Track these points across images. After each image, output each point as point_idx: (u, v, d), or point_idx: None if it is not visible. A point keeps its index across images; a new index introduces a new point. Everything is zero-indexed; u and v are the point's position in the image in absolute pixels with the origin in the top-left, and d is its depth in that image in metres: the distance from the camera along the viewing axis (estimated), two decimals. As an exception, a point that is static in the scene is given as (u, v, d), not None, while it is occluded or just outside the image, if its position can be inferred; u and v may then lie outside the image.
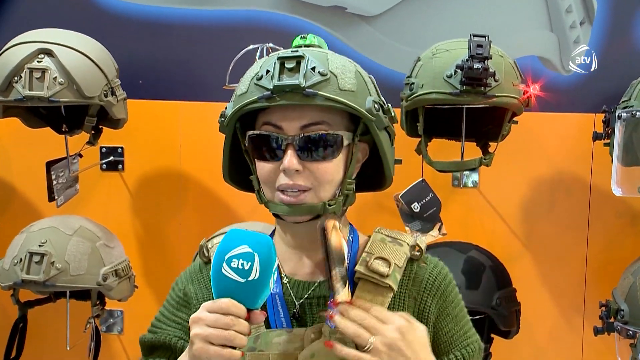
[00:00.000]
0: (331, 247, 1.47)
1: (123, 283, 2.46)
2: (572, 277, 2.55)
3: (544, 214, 2.56)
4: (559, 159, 2.54)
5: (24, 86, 2.28)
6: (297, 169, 1.44)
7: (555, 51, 2.50)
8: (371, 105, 1.47)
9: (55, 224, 2.42)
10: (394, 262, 1.51)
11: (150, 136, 2.75)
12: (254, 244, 1.33)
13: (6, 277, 2.37)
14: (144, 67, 2.72)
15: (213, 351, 1.30)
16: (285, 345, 1.47)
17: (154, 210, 2.78)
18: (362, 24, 2.56)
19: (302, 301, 1.54)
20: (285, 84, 1.42)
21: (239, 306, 1.32)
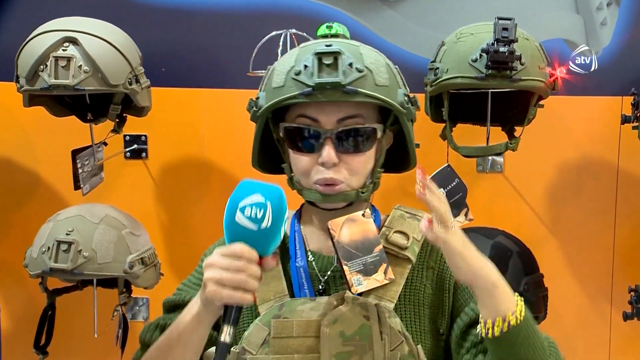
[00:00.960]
0: (339, 243, 1.52)
1: (149, 271, 2.47)
2: (599, 262, 2.53)
3: (571, 199, 2.54)
4: (585, 142, 2.52)
5: (50, 75, 2.29)
6: (335, 162, 1.49)
7: (582, 34, 2.47)
8: (402, 99, 1.53)
9: (81, 213, 2.43)
10: (412, 235, 1.57)
11: (174, 124, 2.75)
12: (267, 193, 1.36)
13: (35, 266, 2.39)
14: (167, 54, 2.71)
15: (226, 294, 1.33)
16: (309, 313, 1.50)
17: (178, 198, 2.79)
18: (385, 8, 2.54)
19: (327, 276, 1.58)
20: (326, 82, 1.46)
21: (252, 251, 1.35)
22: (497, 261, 2.20)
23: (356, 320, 1.48)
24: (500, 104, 2.28)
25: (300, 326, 1.50)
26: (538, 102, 2.26)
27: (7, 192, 2.89)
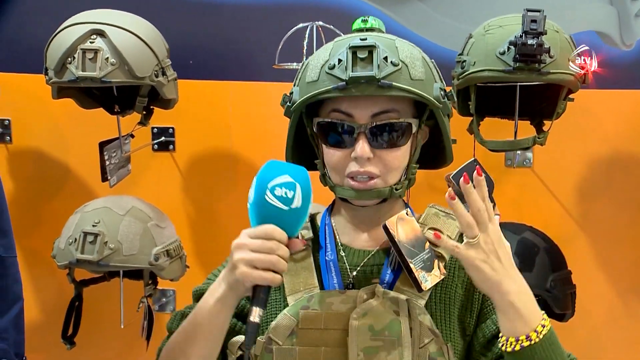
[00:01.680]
0: (401, 242, 1.49)
1: (174, 263, 2.47)
2: (629, 258, 2.49)
3: (600, 194, 2.50)
4: (616, 137, 2.47)
5: (77, 67, 2.29)
6: (369, 156, 1.46)
7: (615, 26, 2.42)
8: (438, 93, 1.50)
9: (108, 204, 2.44)
10: (446, 233, 1.52)
11: (201, 116, 2.75)
12: (295, 174, 1.36)
13: (62, 257, 2.41)
14: (195, 47, 2.71)
15: (257, 274, 1.33)
16: (338, 306, 1.48)
17: (205, 191, 2.78)
18: (415, 2, 2.51)
19: (357, 270, 1.56)
20: (360, 75, 1.44)
21: (282, 232, 1.35)
22: (523, 257, 2.22)
23: (386, 314, 1.46)
24: (529, 97, 2.24)
25: (328, 318, 1.48)
26: (568, 96, 2.21)
27: (38, 183, 2.92)
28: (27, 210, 2.91)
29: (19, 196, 2.93)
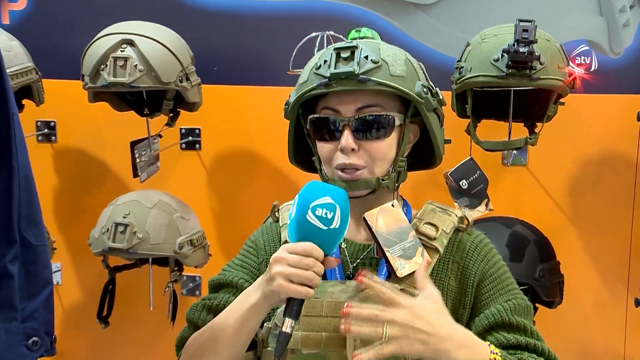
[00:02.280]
0: (378, 232, 1.48)
1: (198, 252, 2.46)
2: (616, 251, 2.43)
3: (590, 191, 2.45)
4: (605, 138, 2.42)
5: (109, 73, 2.30)
6: (353, 147, 1.45)
7: (604, 35, 2.37)
8: (420, 89, 1.48)
9: (137, 198, 2.45)
10: (441, 228, 1.53)
11: (225, 118, 2.74)
12: (335, 196, 1.35)
13: (96, 245, 2.42)
14: (219, 55, 2.69)
15: (292, 288, 1.31)
16: (338, 295, 1.47)
17: (227, 186, 2.77)
18: (418, 12, 2.48)
19: (356, 262, 1.55)
20: (340, 72, 1.44)
21: (320, 250, 1.34)
22: (514, 249, 2.18)
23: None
24: (523, 101, 2.19)
25: (329, 306, 1.47)
26: (558, 100, 2.17)
27: (79, 179, 2.93)
28: (69, 202, 2.93)
29: (63, 190, 2.94)
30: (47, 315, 1.75)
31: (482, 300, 1.52)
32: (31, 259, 1.74)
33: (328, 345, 1.46)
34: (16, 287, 1.71)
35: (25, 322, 1.71)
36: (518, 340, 1.45)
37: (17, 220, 1.73)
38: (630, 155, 2.39)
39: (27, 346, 1.71)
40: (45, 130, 2.91)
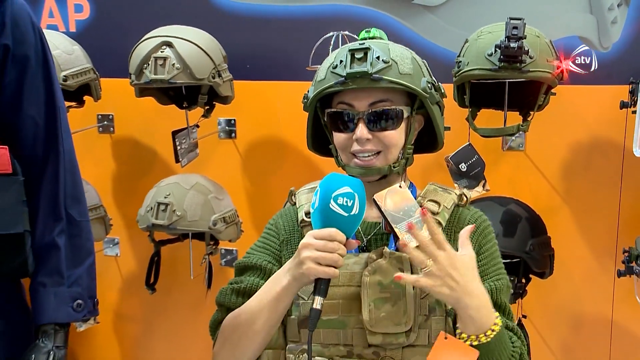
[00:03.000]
0: (387, 210, 1.46)
1: (230, 228, 2.49)
2: (605, 227, 2.38)
3: (582, 173, 2.39)
4: (596, 125, 2.36)
5: (151, 71, 2.33)
6: (367, 137, 1.47)
7: (594, 31, 2.31)
8: (425, 85, 1.50)
9: (177, 180, 2.48)
10: (443, 204, 1.53)
11: (256, 110, 2.74)
12: (354, 185, 1.37)
13: (142, 221, 2.47)
14: (251, 54, 2.70)
15: (321, 270, 1.33)
16: (353, 266, 1.48)
17: (259, 170, 2.78)
18: (426, 13, 2.45)
19: (369, 237, 1.55)
20: (355, 71, 1.45)
21: (342, 235, 1.35)
22: (507, 225, 2.15)
23: (392, 271, 1.44)
24: (517, 92, 2.15)
25: (345, 276, 1.47)
26: (549, 91, 2.12)
27: (133, 164, 2.98)
28: (125, 185, 2.98)
29: (119, 174, 3.00)
30: (89, 282, 1.79)
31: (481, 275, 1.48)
32: (75, 232, 1.78)
33: (345, 312, 1.47)
34: (63, 257, 1.75)
35: (71, 287, 1.75)
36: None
37: (63, 199, 1.76)
38: (618, 140, 2.34)
39: (72, 307, 1.75)
40: (105, 122, 2.95)
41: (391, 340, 1.44)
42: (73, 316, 1.74)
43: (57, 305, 1.72)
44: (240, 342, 1.51)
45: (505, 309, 1.51)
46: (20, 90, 1.70)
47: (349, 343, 1.48)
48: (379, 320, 1.43)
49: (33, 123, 1.74)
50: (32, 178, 1.73)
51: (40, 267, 1.73)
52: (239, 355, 1.53)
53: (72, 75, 2.47)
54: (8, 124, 1.72)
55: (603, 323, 2.41)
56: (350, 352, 1.48)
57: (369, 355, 1.46)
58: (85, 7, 2.88)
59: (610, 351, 2.42)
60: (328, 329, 1.49)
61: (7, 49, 1.65)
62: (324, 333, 1.49)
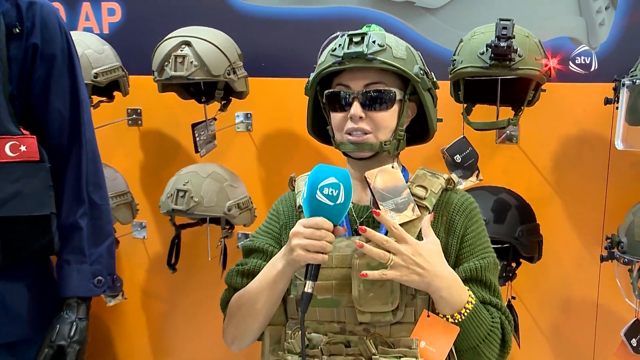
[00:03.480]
0: (376, 188, 1.46)
1: (244, 213, 2.50)
2: (592, 216, 2.35)
3: (571, 165, 2.37)
4: (584, 121, 2.33)
5: (171, 69, 2.35)
6: (360, 115, 1.46)
7: (584, 32, 2.28)
8: (417, 71, 1.49)
9: (195, 169, 2.49)
10: (430, 189, 1.51)
11: (271, 104, 2.74)
12: (339, 176, 1.35)
13: (163, 207, 2.49)
14: (266, 53, 2.70)
15: (310, 256, 1.34)
16: (344, 249, 1.47)
17: (273, 160, 2.79)
18: (427, 14, 2.43)
19: (361, 220, 1.54)
20: (352, 52, 1.46)
21: (329, 223, 1.35)
22: (497, 212, 2.14)
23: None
24: (509, 88, 2.13)
25: (337, 259, 1.47)
26: (539, 87, 2.10)
27: (159, 154, 2.99)
28: (151, 173, 3.00)
29: (147, 164, 3.01)
30: (109, 260, 1.81)
31: (463, 253, 1.51)
32: (97, 215, 1.80)
33: (338, 291, 1.47)
34: (85, 237, 1.77)
35: (92, 264, 1.77)
36: (484, 297, 1.47)
37: (85, 185, 1.79)
38: (605, 135, 2.31)
39: (93, 283, 1.77)
40: (134, 116, 2.96)
41: (379, 318, 1.44)
42: (94, 291, 1.76)
43: (80, 281, 1.74)
44: (244, 319, 1.54)
45: (490, 286, 1.50)
46: (48, 86, 1.72)
47: (341, 320, 1.48)
48: (367, 300, 1.43)
49: (59, 115, 1.76)
50: (57, 165, 1.76)
51: (65, 246, 1.75)
52: (243, 331, 1.55)
53: (102, 72, 2.48)
54: (37, 116, 1.75)
55: (589, 304, 2.39)
56: (343, 328, 1.48)
57: (359, 332, 1.47)
58: (117, 11, 2.90)
59: (596, 330, 2.40)
60: (323, 308, 1.49)
61: (36, 48, 1.68)
62: (319, 311, 1.49)
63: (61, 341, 1.68)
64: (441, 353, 1.44)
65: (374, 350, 1.44)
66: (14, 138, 1.64)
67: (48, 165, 1.72)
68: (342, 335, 1.48)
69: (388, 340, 1.45)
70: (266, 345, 1.58)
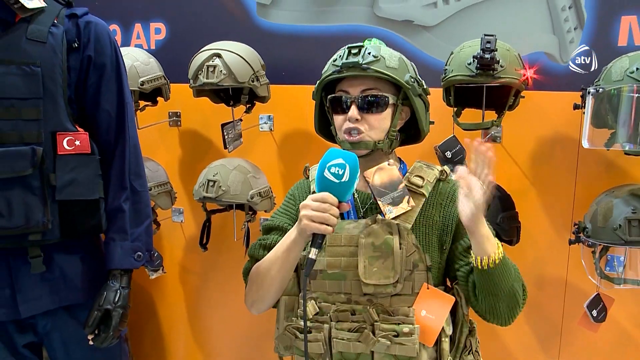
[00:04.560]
0: (374, 185, 1.46)
1: (265, 201, 2.48)
2: (563, 205, 2.31)
3: (546, 162, 2.32)
4: (557, 123, 2.28)
5: (204, 77, 2.33)
6: (357, 117, 1.46)
7: (556, 48, 2.23)
8: (408, 79, 1.48)
9: (223, 163, 2.48)
10: (427, 179, 1.51)
11: (290, 108, 2.71)
12: (346, 157, 1.34)
13: (196, 194, 2.48)
14: (286, 64, 2.68)
15: (314, 226, 1.33)
16: (352, 230, 1.47)
17: (291, 155, 2.76)
18: (424, 31, 2.40)
19: (366, 206, 1.54)
20: (349, 62, 1.46)
21: (333, 198, 1.34)
22: None
23: (383, 234, 1.44)
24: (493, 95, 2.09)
25: (345, 238, 1.47)
26: (519, 94, 2.07)
27: (195, 151, 2.98)
28: (188, 167, 2.99)
29: (184, 159, 3.00)
30: (147, 239, 1.81)
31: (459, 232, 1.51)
32: (137, 200, 1.81)
33: (345, 267, 1.48)
34: (127, 219, 1.78)
35: (133, 242, 1.78)
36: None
37: (128, 174, 1.79)
38: (574, 135, 2.26)
39: (134, 257, 1.78)
40: (174, 118, 2.96)
41: (381, 290, 1.44)
42: (134, 264, 1.77)
43: (123, 256, 1.75)
44: (262, 284, 1.54)
45: None
46: (99, 90, 1.75)
47: (347, 292, 1.48)
48: (371, 274, 1.43)
49: (107, 115, 1.77)
50: (105, 157, 1.77)
51: (111, 226, 1.76)
52: (261, 295, 1.55)
53: (147, 81, 2.48)
54: (89, 115, 1.77)
55: (559, 281, 2.35)
56: (349, 299, 1.48)
57: (363, 302, 1.47)
58: (162, 30, 2.89)
59: (564, 303, 2.36)
60: (332, 281, 1.49)
61: (90, 59, 1.72)
62: (328, 284, 1.49)
63: (108, 305, 1.70)
64: (439, 320, 1.45)
65: (376, 318, 1.45)
66: (71, 134, 1.66)
67: (98, 157, 1.74)
68: (348, 305, 1.48)
69: (388, 309, 1.44)
70: (281, 313, 1.58)
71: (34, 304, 1.69)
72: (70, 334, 1.78)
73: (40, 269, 1.67)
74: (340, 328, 1.46)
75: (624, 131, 1.84)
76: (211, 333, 3.06)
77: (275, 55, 2.65)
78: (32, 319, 1.74)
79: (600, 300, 2.06)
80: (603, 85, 1.86)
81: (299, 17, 2.62)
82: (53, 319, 1.76)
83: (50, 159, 1.63)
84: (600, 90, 1.83)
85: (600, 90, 1.83)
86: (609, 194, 1.96)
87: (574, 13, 2.19)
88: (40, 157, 1.60)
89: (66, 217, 1.67)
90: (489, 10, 2.30)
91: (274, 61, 2.63)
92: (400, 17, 2.43)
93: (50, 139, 1.63)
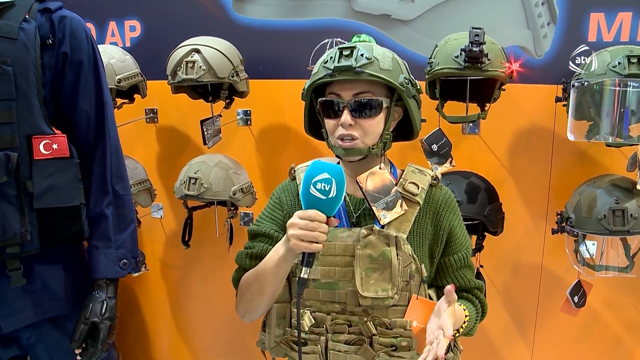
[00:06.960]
0: (367, 191, 1.31)
1: (247, 196, 2.28)
2: (539, 194, 2.19)
3: (522, 152, 2.19)
4: (533, 115, 2.16)
5: (182, 72, 2.11)
6: (350, 123, 1.28)
7: (531, 42, 2.10)
8: (402, 80, 1.30)
9: (204, 159, 2.27)
10: (421, 185, 1.36)
11: (268, 102, 2.50)
12: (332, 171, 1.18)
13: (177, 192, 2.27)
14: (263, 58, 2.45)
15: (304, 245, 1.20)
16: (346, 239, 1.32)
17: (269, 150, 2.56)
18: (402, 25, 2.22)
19: (358, 212, 1.37)
20: (342, 65, 1.27)
21: (322, 215, 1.18)
22: (470, 194, 1.91)
23: (380, 246, 1.30)
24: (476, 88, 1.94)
25: (340, 248, 1.31)
26: (501, 87, 1.92)
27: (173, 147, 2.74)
28: (166, 163, 2.76)
29: (162, 155, 2.77)
30: (132, 245, 1.58)
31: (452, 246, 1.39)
32: (120, 204, 1.56)
33: (340, 276, 1.32)
34: (110, 225, 1.53)
35: (117, 249, 1.54)
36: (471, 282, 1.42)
37: (110, 177, 1.54)
38: (549, 127, 2.14)
39: (119, 266, 1.54)
40: (151, 114, 2.72)
41: (379, 302, 1.31)
42: (120, 273, 1.55)
43: (107, 264, 1.53)
44: (252, 297, 1.37)
45: (471, 266, 1.43)
46: (76, 89, 1.51)
47: (342, 301, 1.33)
48: (369, 286, 1.29)
49: (86, 115, 1.54)
50: (85, 160, 1.54)
51: (93, 233, 1.54)
52: (252, 307, 1.39)
53: (124, 78, 2.25)
54: (66, 116, 1.54)
55: (535, 268, 2.24)
56: (343, 309, 1.34)
57: (359, 312, 1.33)
58: (137, 28, 2.66)
59: (539, 289, 2.26)
60: (326, 290, 1.34)
61: (65, 56, 1.48)
62: (322, 293, 1.35)
63: (94, 318, 1.48)
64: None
65: (374, 331, 1.31)
66: (47, 137, 1.43)
67: (77, 161, 1.51)
68: (343, 316, 1.33)
69: (385, 321, 1.31)
70: (272, 319, 1.43)
71: (16, 318, 1.46)
72: (56, 346, 1.55)
73: (21, 282, 1.43)
74: (337, 340, 1.33)
75: (607, 123, 1.70)
76: (195, 326, 2.85)
77: (252, 50, 2.42)
78: (15, 332, 1.50)
79: (581, 286, 1.95)
80: (585, 78, 1.72)
81: (275, 11, 2.40)
82: (37, 331, 1.53)
83: (26, 165, 1.40)
84: (586, 84, 1.69)
85: (585, 84, 1.69)
86: (590, 185, 1.84)
87: (546, 9, 2.06)
88: (15, 164, 1.37)
89: (45, 226, 1.43)
90: (466, 4, 2.15)
91: (251, 56, 2.40)
92: (378, 11, 2.24)
93: (25, 143, 1.39)
